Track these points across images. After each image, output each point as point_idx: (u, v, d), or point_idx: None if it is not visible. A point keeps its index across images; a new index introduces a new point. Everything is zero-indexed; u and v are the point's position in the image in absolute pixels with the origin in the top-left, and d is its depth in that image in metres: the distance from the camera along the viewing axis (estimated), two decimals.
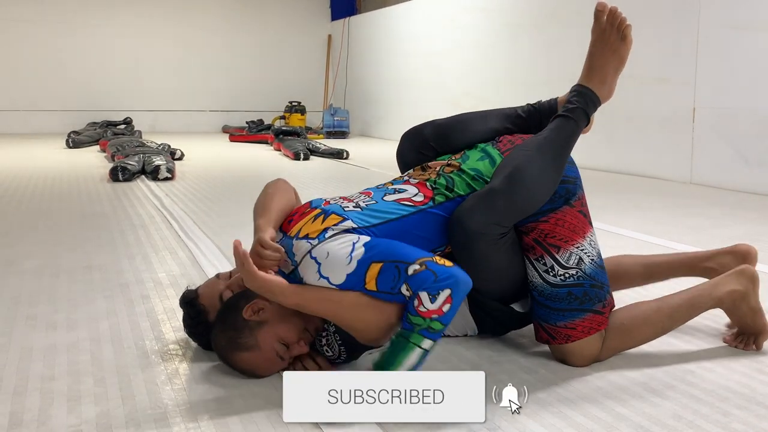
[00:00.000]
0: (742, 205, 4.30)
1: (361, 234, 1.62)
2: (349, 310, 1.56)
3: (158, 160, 5.60)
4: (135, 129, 9.42)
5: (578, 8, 6.46)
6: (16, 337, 1.96)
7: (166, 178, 5.39)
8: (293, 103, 10.90)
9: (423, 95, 9.23)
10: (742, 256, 1.96)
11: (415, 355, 1.48)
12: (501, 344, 1.92)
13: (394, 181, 1.84)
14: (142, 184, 5.15)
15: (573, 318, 1.71)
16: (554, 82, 6.72)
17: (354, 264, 1.53)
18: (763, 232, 3.48)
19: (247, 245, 1.60)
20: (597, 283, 1.74)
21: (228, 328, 1.62)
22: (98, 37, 10.93)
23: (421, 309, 1.48)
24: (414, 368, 1.50)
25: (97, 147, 8.08)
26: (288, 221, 1.72)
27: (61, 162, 6.66)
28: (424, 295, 1.48)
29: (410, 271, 1.50)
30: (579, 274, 1.71)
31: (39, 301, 2.30)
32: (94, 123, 9.90)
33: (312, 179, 5.56)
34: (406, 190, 1.75)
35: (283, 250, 1.61)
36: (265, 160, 7.17)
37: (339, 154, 7.16)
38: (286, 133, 8.44)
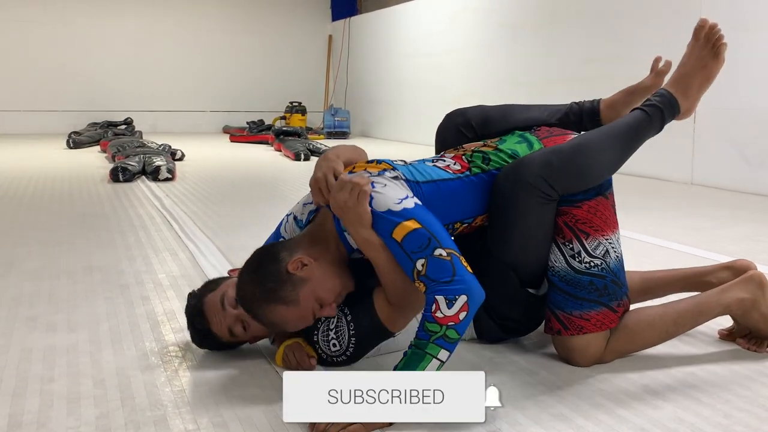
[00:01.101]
0: (743, 206, 4.29)
1: (419, 194, 1.65)
2: (395, 264, 1.59)
3: (159, 161, 5.60)
4: (135, 129, 9.42)
5: (578, 8, 6.46)
6: (16, 338, 1.96)
7: (167, 179, 5.38)
8: (294, 104, 10.90)
9: (423, 95, 9.23)
10: (741, 271, 1.91)
11: (432, 366, 1.46)
12: (501, 346, 1.91)
13: (428, 159, 1.85)
14: (143, 185, 5.15)
15: (589, 309, 1.71)
16: (554, 83, 6.74)
17: (400, 207, 1.56)
18: (765, 233, 3.47)
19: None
20: (618, 281, 1.75)
21: (267, 279, 1.57)
22: (99, 38, 10.93)
23: (438, 315, 1.46)
24: None
25: (98, 147, 8.08)
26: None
27: (62, 162, 6.67)
28: (441, 300, 1.47)
29: (436, 253, 1.51)
30: (603, 265, 1.72)
31: (39, 302, 2.30)
32: (95, 123, 9.89)
33: None
34: (444, 160, 1.79)
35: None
36: (266, 161, 7.17)
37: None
38: (287, 133, 8.44)
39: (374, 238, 1.58)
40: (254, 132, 9.65)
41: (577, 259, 1.72)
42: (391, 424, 1.43)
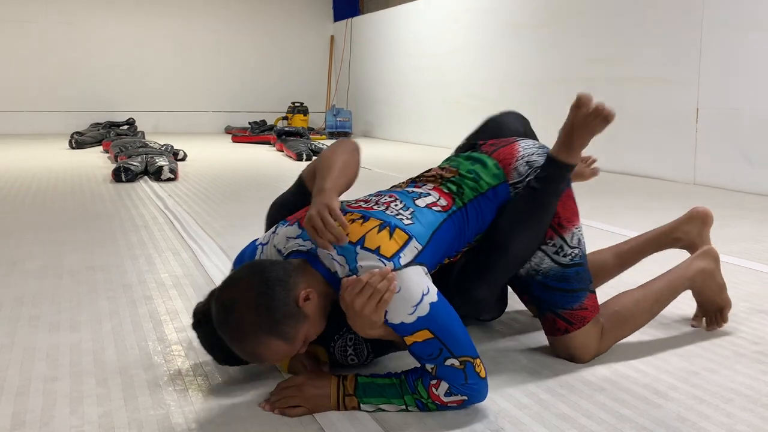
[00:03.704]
0: (745, 206, 4.29)
1: (423, 257, 1.52)
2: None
3: (161, 161, 5.61)
4: (138, 130, 9.44)
5: (580, 8, 6.45)
6: (19, 337, 1.96)
7: (169, 179, 5.39)
8: (296, 104, 10.91)
9: (425, 96, 9.23)
10: (702, 218, 2.10)
11: (396, 408, 1.48)
12: (503, 345, 1.91)
13: (409, 184, 1.79)
14: (145, 185, 5.16)
15: (582, 298, 1.75)
16: (555, 82, 6.74)
17: (414, 317, 1.42)
18: (767, 233, 3.47)
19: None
20: (586, 263, 1.80)
21: (277, 310, 1.37)
22: (101, 38, 10.94)
23: (433, 391, 1.45)
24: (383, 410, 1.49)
25: (100, 148, 8.09)
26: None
27: (64, 163, 6.67)
28: (443, 386, 1.45)
29: (447, 363, 1.43)
30: (580, 253, 1.77)
31: (42, 301, 2.30)
32: (97, 124, 9.92)
33: None
34: (429, 195, 1.69)
35: (348, 226, 1.49)
36: (268, 161, 7.17)
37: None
38: (289, 133, 8.45)
39: (380, 333, 1.47)
40: (256, 132, 9.66)
41: (561, 254, 1.75)
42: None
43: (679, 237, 2.11)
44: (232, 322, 1.39)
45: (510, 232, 1.71)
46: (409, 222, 1.56)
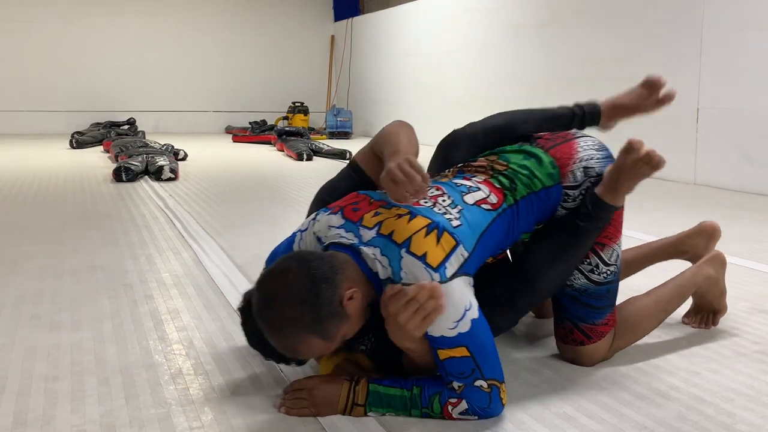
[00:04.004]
0: (746, 206, 4.29)
1: (468, 265, 1.47)
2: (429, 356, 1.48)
3: (161, 161, 5.61)
4: (138, 129, 9.44)
5: (580, 8, 6.45)
6: (20, 336, 1.97)
7: (170, 179, 5.39)
8: (296, 104, 10.91)
9: (426, 95, 9.23)
10: (710, 233, 2.09)
11: (398, 412, 1.46)
12: (503, 345, 1.91)
13: (456, 174, 1.71)
14: (146, 185, 5.16)
15: (606, 314, 1.74)
16: (556, 82, 6.74)
17: (455, 332, 1.39)
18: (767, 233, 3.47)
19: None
20: (618, 278, 1.78)
21: (322, 307, 1.34)
22: (102, 38, 10.94)
23: (449, 409, 1.43)
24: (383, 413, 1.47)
25: (101, 147, 8.09)
26: (372, 212, 1.51)
27: (65, 162, 6.68)
28: (462, 405, 1.42)
29: (477, 384, 1.41)
30: (615, 270, 1.74)
31: (43, 301, 2.30)
32: (98, 123, 9.92)
33: (315, 180, 5.56)
34: (479, 189, 1.62)
35: (429, 179, 1.45)
36: (268, 161, 7.17)
37: (342, 155, 7.17)
38: (289, 133, 8.45)
39: (417, 346, 1.44)
40: (257, 132, 9.66)
41: (596, 272, 1.71)
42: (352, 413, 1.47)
43: (686, 250, 2.10)
44: (274, 314, 1.35)
45: (541, 267, 1.66)
46: (458, 223, 1.50)
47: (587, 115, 1.90)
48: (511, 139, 1.83)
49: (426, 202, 1.54)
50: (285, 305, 1.34)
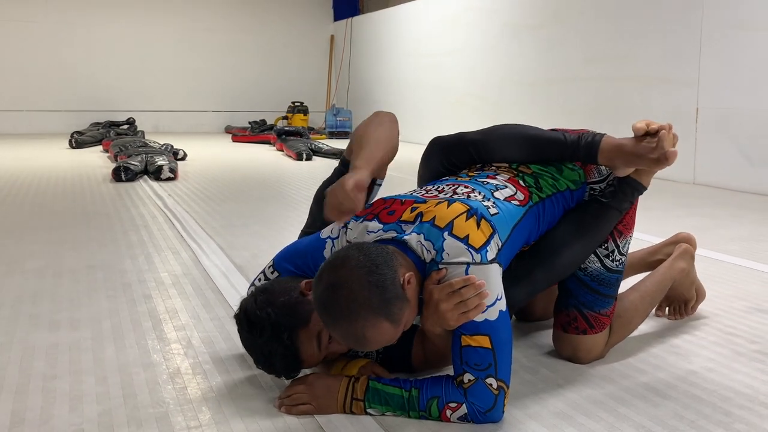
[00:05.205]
0: (745, 206, 4.29)
1: (501, 256, 1.48)
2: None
3: (161, 160, 5.61)
4: (138, 129, 9.44)
5: (580, 8, 6.45)
6: (19, 336, 1.97)
7: (169, 178, 5.39)
8: (296, 104, 10.92)
9: (425, 95, 9.23)
10: (685, 243, 2.17)
11: (397, 412, 1.46)
12: None
13: (479, 173, 1.72)
14: (145, 184, 5.16)
15: (609, 305, 1.76)
16: (555, 82, 6.74)
17: (482, 318, 1.39)
18: (767, 233, 3.47)
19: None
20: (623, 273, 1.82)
21: (386, 289, 1.33)
22: (101, 38, 10.95)
23: (446, 414, 1.42)
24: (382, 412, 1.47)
25: (100, 147, 8.09)
26: (408, 209, 1.52)
27: (64, 162, 6.68)
28: (462, 410, 1.41)
29: (487, 381, 1.40)
30: (624, 261, 1.79)
31: (42, 300, 2.31)
32: (97, 123, 9.92)
33: (314, 179, 5.56)
34: (506, 187, 1.64)
35: (362, 205, 1.49)
36: (268, 161, 7.17)
37: (341, 155, 7.16)
38: (289, 133, 8.45)
39: (445, 333, 1.46)
40: (256, 132, 9.67)
41: (610, 258, 1.75)
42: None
43: (661, 259, 2.17)
44: (342, 300, 1.32)
45: (562, 244, 1.68)
46: (495, 211, 1.52)
47: (582, 149, 1.78)
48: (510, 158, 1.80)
49: (459, 197, 1.56)
50: (352, 289, 1.32)
